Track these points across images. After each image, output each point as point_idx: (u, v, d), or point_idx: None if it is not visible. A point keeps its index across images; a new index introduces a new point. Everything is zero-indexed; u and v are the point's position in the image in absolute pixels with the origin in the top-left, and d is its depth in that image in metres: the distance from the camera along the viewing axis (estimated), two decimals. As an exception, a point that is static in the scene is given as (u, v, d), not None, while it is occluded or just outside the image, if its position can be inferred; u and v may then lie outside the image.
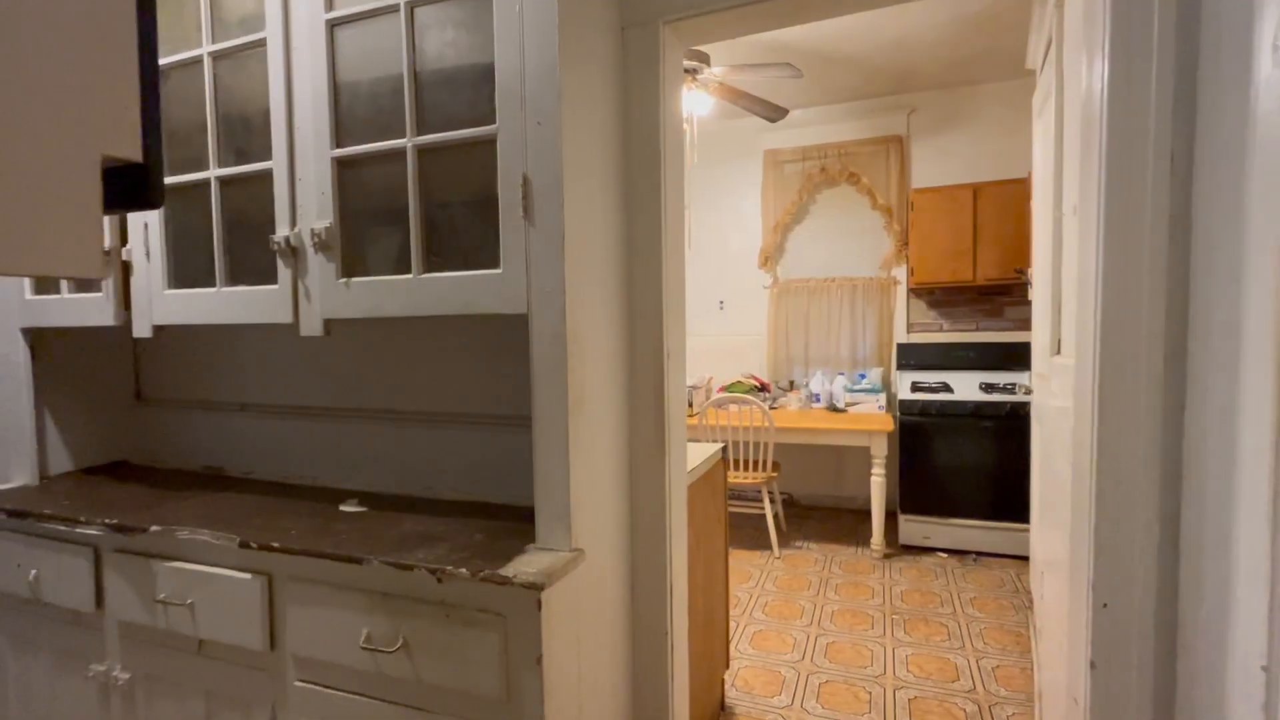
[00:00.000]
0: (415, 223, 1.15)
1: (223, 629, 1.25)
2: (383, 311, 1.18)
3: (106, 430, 1.96)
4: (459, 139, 1.11)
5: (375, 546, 1.14)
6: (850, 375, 4.06)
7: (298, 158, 1.24)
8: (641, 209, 1.28)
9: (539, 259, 1.05)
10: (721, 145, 4.44)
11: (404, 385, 1.57)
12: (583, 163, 1.09)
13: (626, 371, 1.28)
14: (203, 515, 1.40)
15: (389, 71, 1.16)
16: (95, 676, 1.45)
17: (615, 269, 1.23)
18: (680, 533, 1.42)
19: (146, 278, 1.47)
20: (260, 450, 1.77)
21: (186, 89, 1.39)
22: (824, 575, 3.08)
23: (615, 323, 1.23)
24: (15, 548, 1.54)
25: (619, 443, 1.26)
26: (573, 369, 1.06)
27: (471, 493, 1.47)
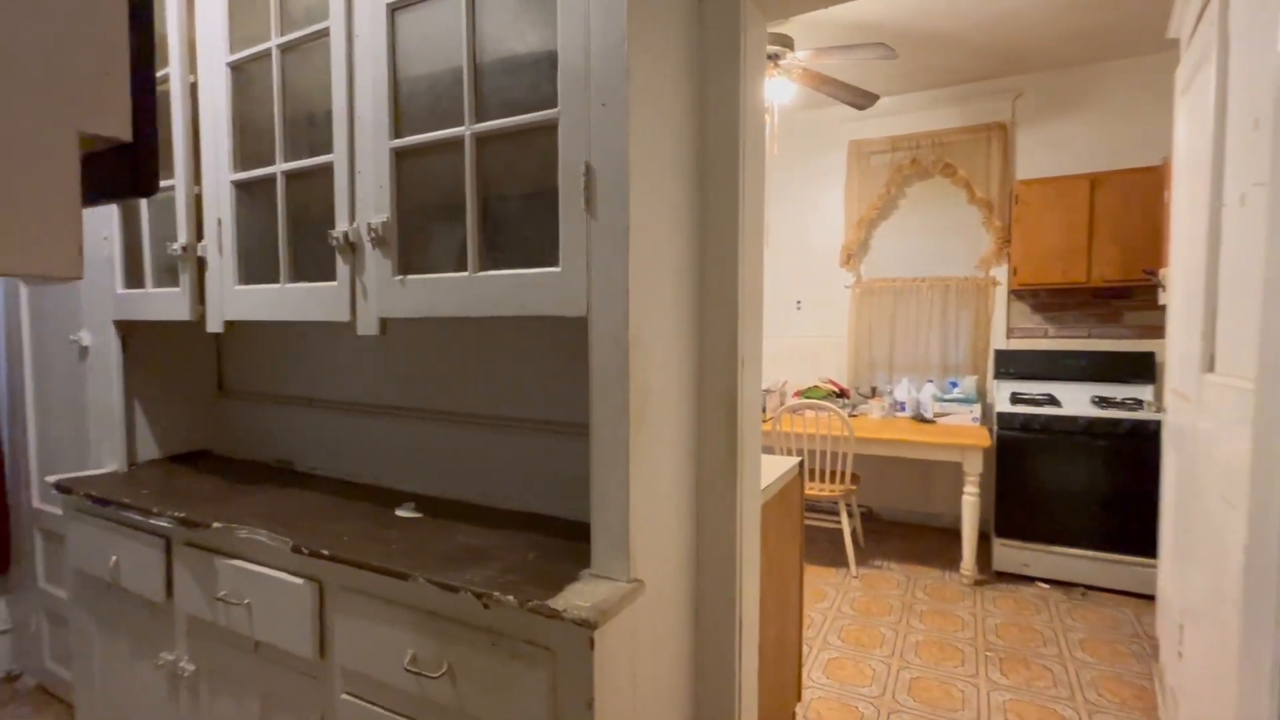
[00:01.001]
0: (472, 217, 1.07)
1: (276, 632, 1.23)
2: (437, 311, 1.12)
3: (191, 420, 2.02)
4: (518, 125, 1.02)
5: (424, 560, 1.08)
6: (940, 383, 3.76)
7: (357, 150, 1.19)
8: (717, 203, 1.16)
9: (600, 256, 0.94)
10: (803, 136, 4.21)
11: (463, 386, 1.51)
12: (652, 150, 0.98)
13: (695, 380, 1.16)
14: (264, 513, 1.39)
15: (448, 57, 1.09)
16: (164, 665, 1.47)
17: (685, 268, 1.11)
18: (752, 558, 1.29)
19: (219, 273, 1.48)
20: (326, 446, 1.77)
21: (257, 84, 1.38)
22: (907, 600, 2.85)
23: (684, 326, 1.11)
24: (100, 533, 1.60)
25: (685, 459, 1.14)
26: (635, 378, 0.95)
27: (528, 503, 1.39)
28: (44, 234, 0.40)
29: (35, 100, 0.39)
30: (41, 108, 0.39)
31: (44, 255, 0.40)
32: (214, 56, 1.42)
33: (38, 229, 0.40)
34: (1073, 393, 3.25)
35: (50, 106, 0.40)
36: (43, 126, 0.40)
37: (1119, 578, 2.85)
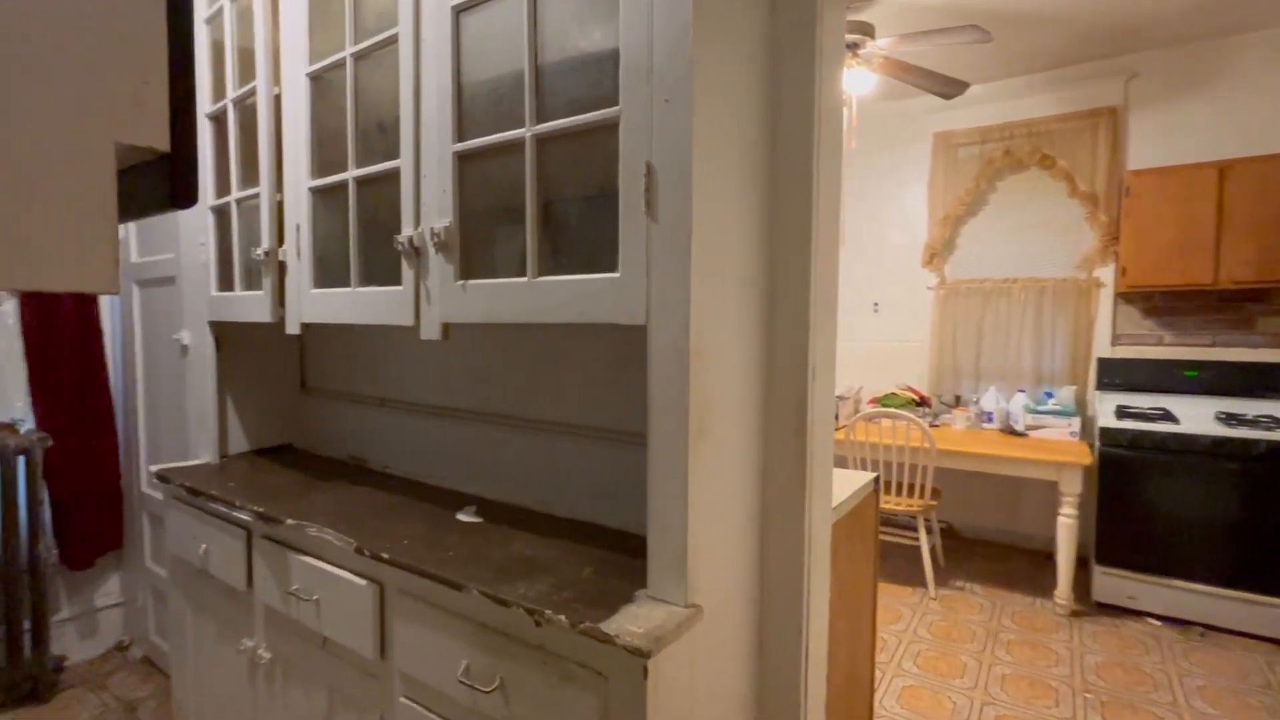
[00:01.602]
0: (532, 221, 1.05)
1: (341, 630, 1.25)
2: (496, 317, 1.10)
3: (276, 416, 2.13)
4: (578, 125, 0.99)
5: (479, 570, 1.06)
6: (1033, 393, 3.48)
7: (423, 154, 1.20)
8: (789, 204, 1.08)
9: (661, 260, 0.89)
10: (883, 128, 4.01)
11: (526, 391, 1.50)
12: (717, 147, 0.92)
13: (762, 392, 1.09)
14: (334, 510, 1.42)
15: (510, 57, 1.07)
16: (244, 651, 1.54)
17: (753, 272, 1.04)
18: (821, 581, 1.20)
19: (297, 277, 1.53)
20: (396, 445, 1.81)
21: (332, 92, 1.42)
22: (992, 627, 2.64)
23: (750, 335, 1.05)
24: (192, 522, 1.70)
25: (749, 476, 1.07)
26: (695, 389, 0.89)
27: (587, 513, 1.36)
28: (79, 248, 0.39)
29: (72, 111, 0.38)
30: (78, 118, 0.38)
31: (79, 270, 0.39)
32: (295, 68, 1.47)
33: (73, 243, 0.39)
34: (1192, 407, 2.92)
35: (87, 117, 0.39)
36: (79, 137, 0.39)
37: (1247, 618, 2.53)
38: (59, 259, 0.38)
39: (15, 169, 0.37)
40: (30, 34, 0.36)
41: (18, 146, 0.37)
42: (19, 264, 0.37)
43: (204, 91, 1.81)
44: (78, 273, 0.39)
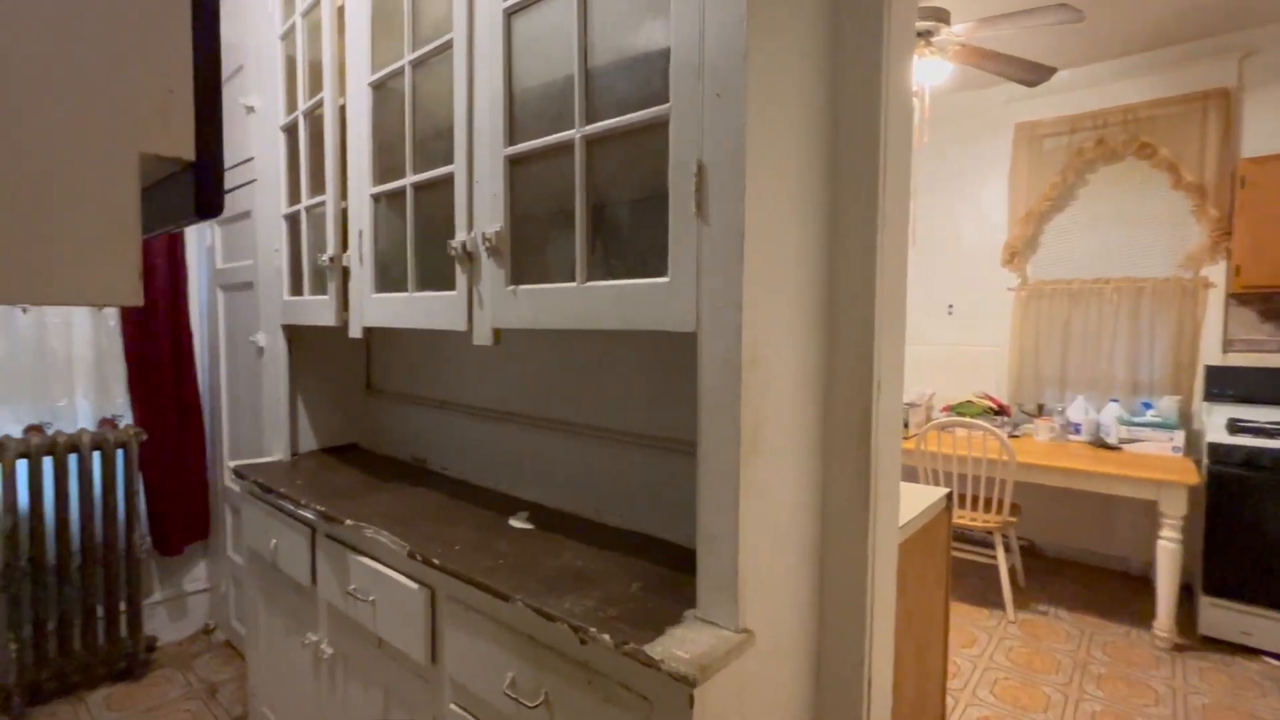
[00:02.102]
0: (581, 225, 1.02)
1: (395, 632, 1.27)
2: (543, 323, 1.08)
3: (343, 416, 2.20)
4: (628, 124, 0.95)
5: (527, 580, 1.05)
6: (1128, 404, 3.20)
7: (475, 159, 1.19)
8: (852, 204, 1.01)
9: (712, 264, 0.85)
10: (958, 120, 3.79)
11: (580, 397, 1.48)
12: (773, 145, 0.87)
13: (821, 405, 1.02)
14: (391, 512, 1.45)
15: (560, 59, 1.04)
16: (309, 645, 1.59)
17: (812, 278, 0.98)
18: (885, 605, 1.12)
19: (359, 282, 1.57)
20: (455, 448, 1.83)
21: (392, 100, 1.45)
22: (1080, 657, 2.43)
23: (809, 344, 0.98)
24: (264, 517, 1.77)
25: (808, 493, 1.01)
26: (748, 402, 0.84)
27: (639, 522, 1.33)
28: (102, 261, 0.39)
29: (95, 122, 0.37)
30: (101, 129, 0.38)
31: (102, 283, 0.39)
32: (359, 78, 1.51)
33: (96, 256, 0.38)
34: (1320, 422, 2.60)
35: (110, 128, 0.38)
36: (102, 149, 0.38)
37: (1387, 662, 2.23)
38: (81, 272, 0.38)
39: (38, 181, 0.36)
40: (53, 46, 0.36)
41: (41, 159, 0.37)
42: (41, 278, 0.37)
43: (278, 105, 1.89)
44: (101, 286, 0.39)
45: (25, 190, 0.36)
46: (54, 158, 0.37)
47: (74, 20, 0.37)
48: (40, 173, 0.36)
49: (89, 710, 2.19)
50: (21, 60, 0.35)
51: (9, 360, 2.22)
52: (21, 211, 0.36)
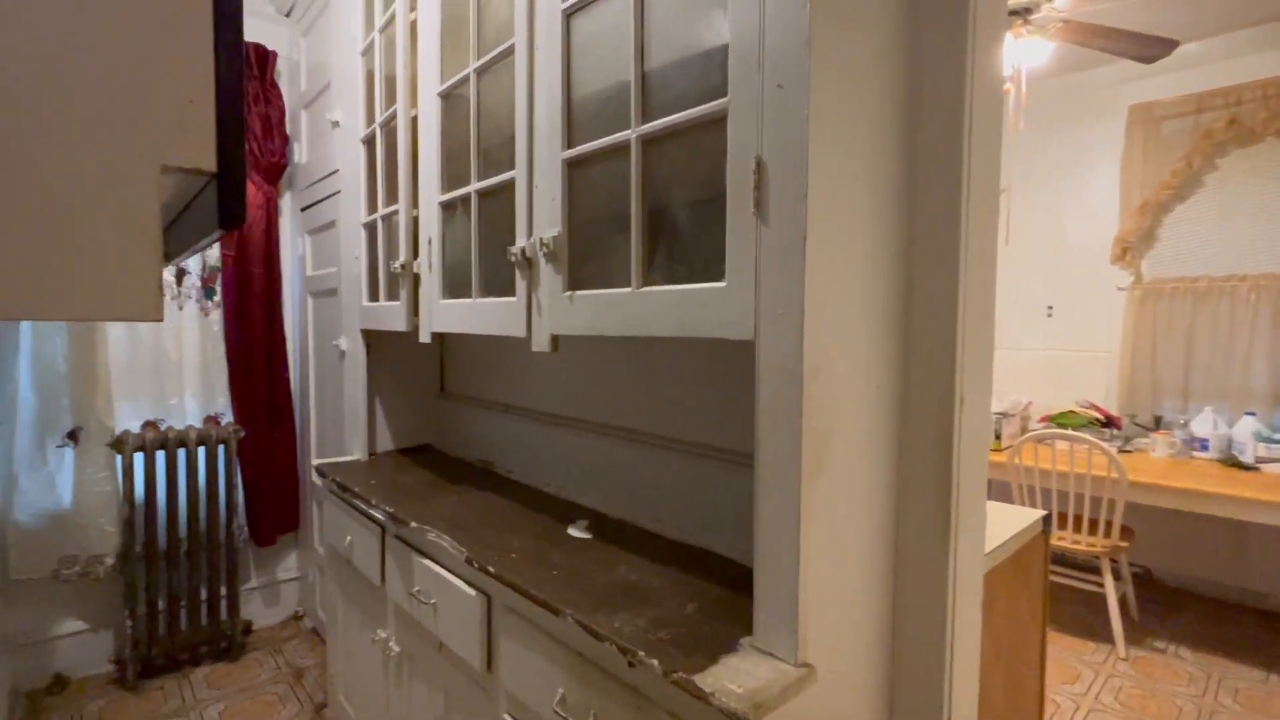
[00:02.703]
0: (636, 228, 0.99)
1: (454, 636, 1.28)
2: (599, 330, 1.05)
3: (418, 418, 2.27)
4: (685, 121, 0.91)
5: (579, 595, 1.02)
6: (1268, 418, 2.83)
7: (535, 163, 1.18)
8: (930, 199, 0.92)
9: (771, 267, 0.79)
10: (1061, 104, 3.49)
11: (642, 403, 1.44)
12: (840, 137, 0.80)
13: (896, 420, 0.94)
14: (454, 515, 1.46)
15: (617, 58, 1.01)
16: (378, 642, 1.64)
17: (885, 282, 0.90)
18: (969, 640, 1.02)
19: (429, 288, 1.61)
20: (520, 452, 1.84)
21: (459, 109, 1.47)
22: (1206, 703, 2.16)
23: (881, 354, 0.90)
24: (341, 514, 1.85)
25: (879, 517, 0.92)
26: (811, 416, 0.78)
27: (700, 537, 1.27)
28: (123, 276, 0.38)
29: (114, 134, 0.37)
30: (121, 141, 0.38)
31: (122, 299, 0.39)
32: (429, 88, 1.54)
33: (116, 271, 0.38)
34: None
35: (130, 140, 0.38)
36: (122, 161, 0.38)
37: None
38: (102, 288, 0.38)
39: (58, 196, 0.37)
40: (71, 59, 0.36)
41: (60, 173, 0.37)
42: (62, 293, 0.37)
43: (359, 118, 1.98)
44: (122, 302, 0.38)
45: (45, 205, 0.36)
46: (73, 172, 0.37)
47: (91, 33, 0.37)
48: (59, 187, 0.37)
49: (191, 686, 2.36)
50: (39, 74, 0.35)
51: (130, 362, 2.43)
52: (42, 226, 0.36)
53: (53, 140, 0.36)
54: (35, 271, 0.35)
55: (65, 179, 0.36)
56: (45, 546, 2.28)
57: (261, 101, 2.60)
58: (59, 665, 2.38)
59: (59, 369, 2.28)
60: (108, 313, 0.38)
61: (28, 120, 0.35)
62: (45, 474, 2.29)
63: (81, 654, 2.42)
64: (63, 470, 2.32)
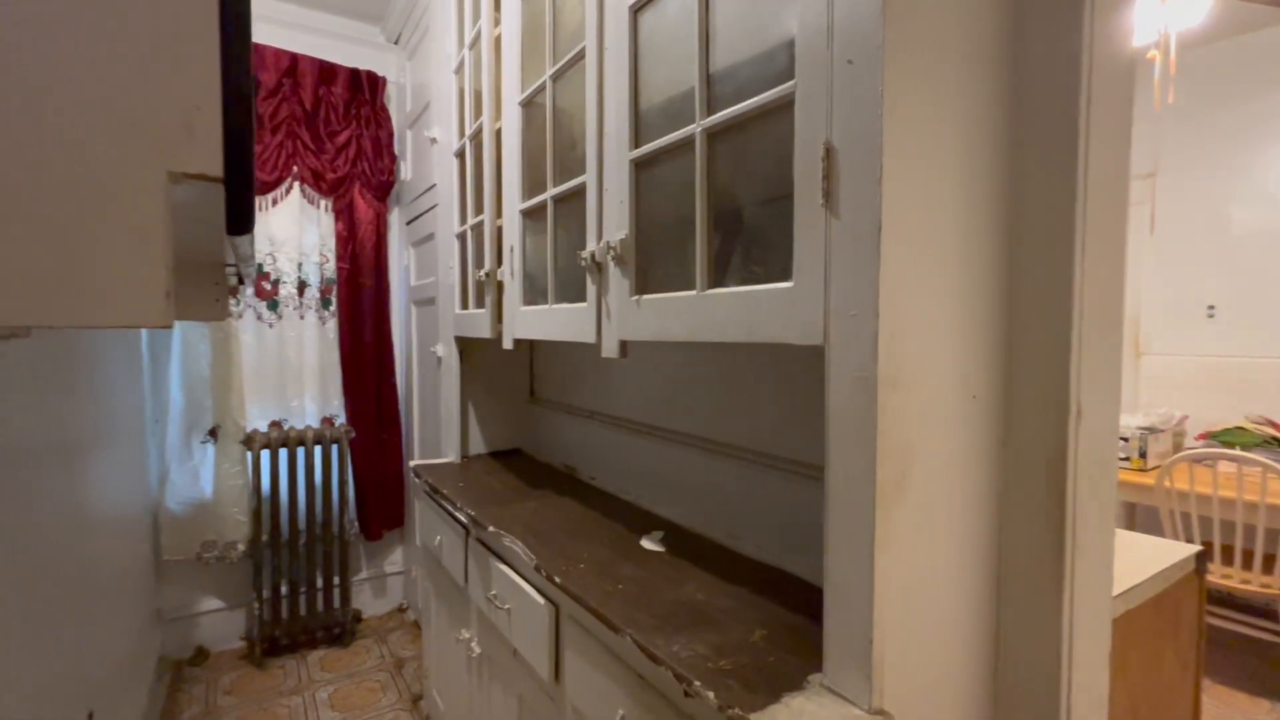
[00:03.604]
0: (701, 226, 0.93)
1: (525, 644, 1.27)
2: (666, 335, 1.01)
3: (508, 422, 2.33)
4: (750, 110, 0.85)
5: (643, 613, 0.97)
6: None
7: (605, 166, 1.16)
8: (1037, 185, 0.80)
9: (842, 264, 0.71)
10: (1220, 73, 3.03)
11: (723, 413, 1.38)
12: (920, 117, 0.70)
13: (995, 437, 0.82)
14: (533, 521, 1.47)
15: (682, 53, 0.97)
16: (462, 642, 1.68)
17: (980, 279, 0.79)
18: (1092, 695, 0.87)
19: (511, 295, 1.63)
20: (602, 459, 1.83)
21: (537, 116, 1.48)
22: None
23: (977, 361, 0.79)
24: (432, 514, 1.92)
25: (974, 548, 0.81)
26: (887, 431, 0.69)
27: (775, 555, 1.19)
28: (128, 283, 0.39)
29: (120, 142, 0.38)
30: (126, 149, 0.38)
31: (128, 304, 0.39)
32: (511, 99, 1.57)
33: (122, 278, 0.39)
34: None
35: (136, 147, 0.38)
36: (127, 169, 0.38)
37: None
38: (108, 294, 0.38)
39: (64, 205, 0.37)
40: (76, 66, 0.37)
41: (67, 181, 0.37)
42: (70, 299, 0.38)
43: (452, 133, 2.06)
44: (128, 307, 0.39)
45: (53, 213, 0.37)
46: (79, 180, 0.37)
47: (96, 41, 0.37)
48: (66, 195, 0.37)
49: (307, 667, 2.55)
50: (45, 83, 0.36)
51: (259, 366, 2.68)
52: (49, 234, 0.37)
53: (59, 149, 0.37)
54: (43, 278, 0.36)
55: (71, 187, 0.37)
56: (190, 532, 2.56)
57: (373, 124, 2.79)
58: (201, 638, 2.66)
59: (202, 373, 2.55)
60: (115, 319, 0.39)
61: (34, 129, 0.36)
62: (190, 467, 2.57)
63: (219, 630, 2.69)
64: (205, 464, 2.59)
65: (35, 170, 0.36)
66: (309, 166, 2.66)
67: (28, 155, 0.36)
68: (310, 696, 2.35)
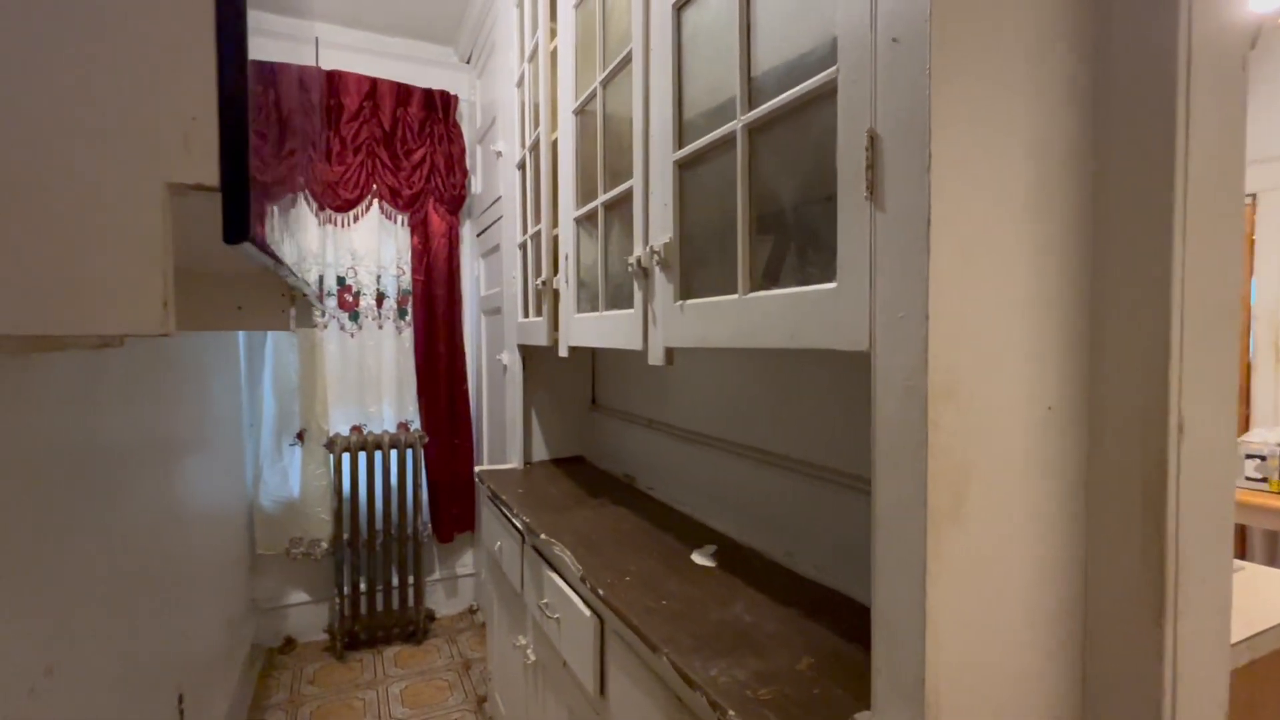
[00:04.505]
0: (742, 227, 0.89)
1: (573, 655, 1.25)
2: (709, 341, 0.96)
3: (570, 429, 2.34)
4: (791, 101, 0.79)
5: (684, 632, 0.93)
6: None
7: (651, 169, 1.13)
8: (1125, 164, 0.70)
9: (888, 263, 0.64)
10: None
11: (778, 423, 1.32)
12: (977, 99, 0.63)
13: (1076, 455, 0.72)
14: (586, 530, 1.45)
15: (723, 49, 0.93)
16: (519, 648, 1.68)
17: (1056, 274, 0.70)
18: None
19: (566, 303, 1.63)
20: (659, 468, 1.80)
21: (589, 124, 1.47)
22: None
23: (1051, 368, 0.70)
24: (494, 520, 1.95)
25: (1054, 583, 0.71)
26: (942, 447, 0.62)
27: (833, 576, 1.12)
28: (127, 292, 0.40)
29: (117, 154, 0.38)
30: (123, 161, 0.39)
31: (125, 313, 0.40)
32: (566, 108, 1.58)
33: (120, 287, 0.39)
34: None
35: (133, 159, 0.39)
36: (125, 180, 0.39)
37: None
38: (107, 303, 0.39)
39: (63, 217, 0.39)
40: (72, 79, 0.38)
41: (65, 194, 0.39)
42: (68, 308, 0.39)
43: (515, 145, 2.10)
44: (126, 316, 0.40)
45: (51, 224, 0.38)
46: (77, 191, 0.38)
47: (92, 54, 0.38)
48: (64, 207, 0.39)
49: (382, 663, 2.66)
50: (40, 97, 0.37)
51: (341, 374, 2.84)
52: (48, 244, 0.38)
53: (56, 160, 0.38)
54: (39, 287, 0.38)
55: (70, 199, 0.38)
56: (280, 528, 2.73)
57: (445, 141, 2.90)
58: (289, 629, 2.83)
59: (291, 380, 2.72)
60: (115, 327, 0.39)
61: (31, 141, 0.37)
62: (281, 468, 2.74)
63: (306, 621, 2.85)
64: (293, 465, 2.76)
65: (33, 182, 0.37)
66: (387, 184, 2.79)
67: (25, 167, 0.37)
68: (383, 691, 2.44)
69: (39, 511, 0.88)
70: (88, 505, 1.07)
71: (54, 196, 0.38)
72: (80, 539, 1.03)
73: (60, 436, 0.96)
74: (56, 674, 0.87)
